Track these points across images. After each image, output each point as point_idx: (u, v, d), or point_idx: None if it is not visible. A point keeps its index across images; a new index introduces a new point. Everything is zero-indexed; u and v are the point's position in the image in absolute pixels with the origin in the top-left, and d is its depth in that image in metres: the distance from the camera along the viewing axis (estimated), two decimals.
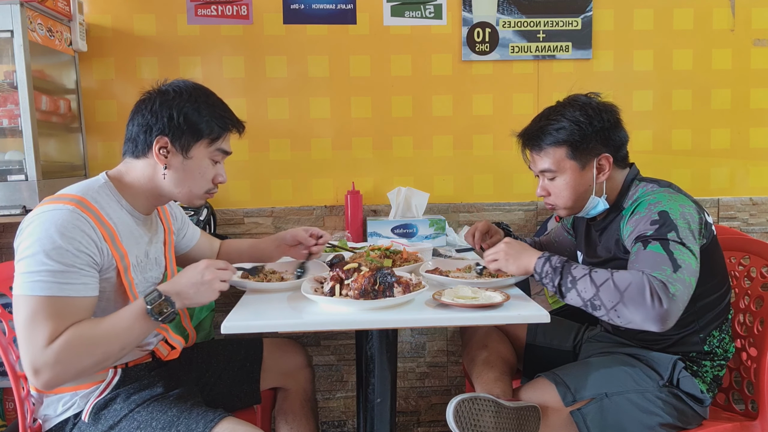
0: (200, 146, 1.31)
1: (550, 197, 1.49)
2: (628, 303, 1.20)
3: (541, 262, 1.35)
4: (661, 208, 1.32)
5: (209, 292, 1.23)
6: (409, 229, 2.14)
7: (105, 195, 1.29)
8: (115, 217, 1.28)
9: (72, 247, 1.15)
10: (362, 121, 2.35)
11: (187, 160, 1.31)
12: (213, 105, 1.33)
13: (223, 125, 1.34)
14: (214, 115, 1.32)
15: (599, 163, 1.44)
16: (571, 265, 1.31)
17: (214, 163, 1.35)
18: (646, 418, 1.37)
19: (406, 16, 2.31)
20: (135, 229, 1.34)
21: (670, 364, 1.41)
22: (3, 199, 1.83)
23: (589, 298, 1.25)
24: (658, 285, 1.19)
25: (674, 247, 1.25)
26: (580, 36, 2.34)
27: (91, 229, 1.20)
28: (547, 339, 1.68)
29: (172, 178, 1.31)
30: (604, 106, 1.46)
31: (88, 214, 1.21)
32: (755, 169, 2.44)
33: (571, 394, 1.37)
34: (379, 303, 1.27)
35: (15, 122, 1.85)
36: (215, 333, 2.09)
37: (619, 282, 1.22)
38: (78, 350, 1.13)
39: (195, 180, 1.33)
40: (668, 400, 1.39)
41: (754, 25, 2.38)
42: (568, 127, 1.41)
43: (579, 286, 1.27)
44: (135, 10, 2.24)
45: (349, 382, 2.42)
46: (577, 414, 1.36)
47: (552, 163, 1.44)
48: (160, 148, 1.29)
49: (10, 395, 2.08)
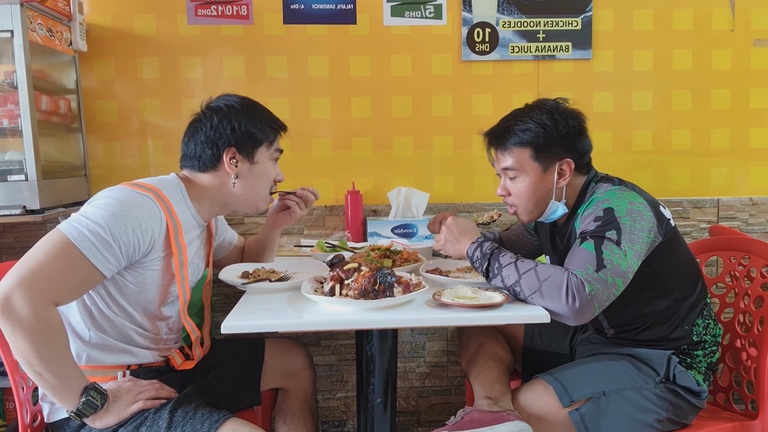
0: (262, 150, 1.45)
1: (510, 197, 1.52)
2: (545, 294, 1.27)
3: (473, 247, 1.41)
4: (608, 205, 1.35)
5: (117, 410, 1.24)
6: (409, 229, 2.14)
7: (176, 193, 1.38)
8: (181, 214, 1.36)
9: (128, 224, 1.21)
10: (362, 121, 2.35)
11: (255, 165, 1.44)
12: (263, 112, 1.49)
13: (275, 127, 1.49)
14: (266, 121, 1.47)
15: (560, 168, 1.46)
16: (501, 253, 1.37)
17: (274, 163, 1.50)
18: (643, 415, 1.37)
19: (406, 16, 2.31)
20: (193, 232, 1.42)
21: (664, 359, 1.42)
22: (3, 199, 1.83)
23: (511, 284, 1.32)
24: (575, 283, 1.24)
25: (606, 247, 1.28)
26: (580, 36, 2.34)
27: (158, 221, 1.27)
28: (544, 342, 1.68)
29: (242, 184, 1.44)
30: (570, 113, 1.49)
31: (161, 204, 1.29)
32: (755, 169, 2.44)
33: (568, 394, 1.37)
34: (379, 303, 1.28)
35: (15, 122, 1.85)
36: (215, 333, 2.09)
37: (541, 273, 1.28)
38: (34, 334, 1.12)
39: (262, 181, 1.47)
40: (665, 396, 1.39)
41: (753, 26, 2.38)
42: (534, 129, 1.44)
43: (504, 273, 1.34)
44: (135, 10, 2.24)
45: (349, 382, 2.42)
46: (575, 414, 1.36)
47: (515, 162, 1.47)
48: (230, 159, 1.41)
49: (10, 395, 2.08)
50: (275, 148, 1.49)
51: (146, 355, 1.38)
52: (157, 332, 1.40)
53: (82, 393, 1.19)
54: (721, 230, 2.11)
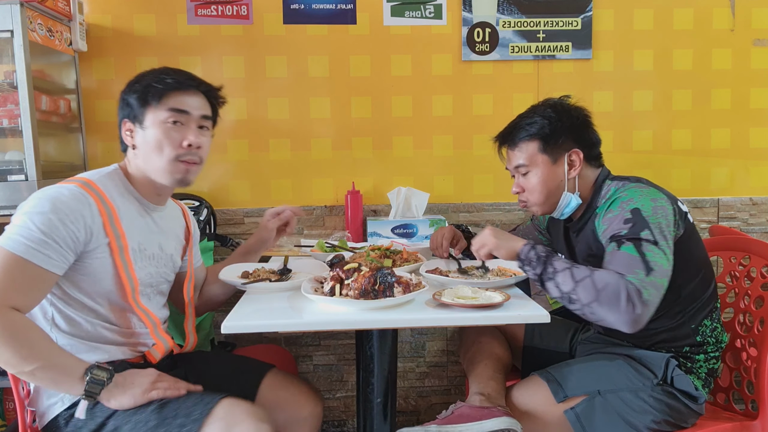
0: (151, 113, 1.34)
1: (524, 193, 1.55)
2: (603, 303, 1.23)
3: (527, 248, 1.39)
4: (634, 206, 1.35)
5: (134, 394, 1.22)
6: (409, 229, 2.14)
7: (113, 180, 1.36)
8: (120, 201, 1.33)
9: (57, 219, 1.19)
10: (362, 121, 2.35)
11: (146, 131, 1.34)
12: (154, 72, 1.37)
13: (163, 84, 1.35)
14: (153, 79, 1.35)
15: (570, 159, 1.49)
16: (554, 257, 1.35)
17: (175, 124, 1.35)
18: (639, 417, 1.37)
19: (406, 16, 2.31)
20: (141, 217, 1.39)
21: (663, 362, 1.42)
22: (3, 199, 1.83)
23: (567, 291, 1.29)
24: (633, 290, 1.22)
25: (647, 248, 1.28)
26: (580, 36, 2.33)
27: (88, 207, 1.24)
28: (544, 341, 1.68)
29: (142, 155, 1.36)
30: (574, 107, 1.54)
31: (90, 193, 1.26)
32: (755, 169, 2.44)
33: (563, 390, 1.38)
34: (379, 303, 1.27)
35: (15, 122, 1.85)
36: (215, 333, 2.08)
37: (598, 281, 1.25)
38: (8, 339, 1.13)
39: (160, 147, 1.34)
40: (662, 399, 1.39)
41: (754, 25, 2.38)
42: (540, 121, 1.49)
43: (558, 279, 1.31)
44: (135, 10, 2.24)
45: (349, 382, 2.42)
46: (570, 412, 1.36)
47: (525, 158, 1.51)
48: (126, 131, 1.37)
49: (10, 395, 2.08)
50: (168, 107, 1.34)
51: (116, 352, 1.32)
52: (128, 326, 1.35)
53: (84, 374, 1.18)
54: (721, 230, 2.10)
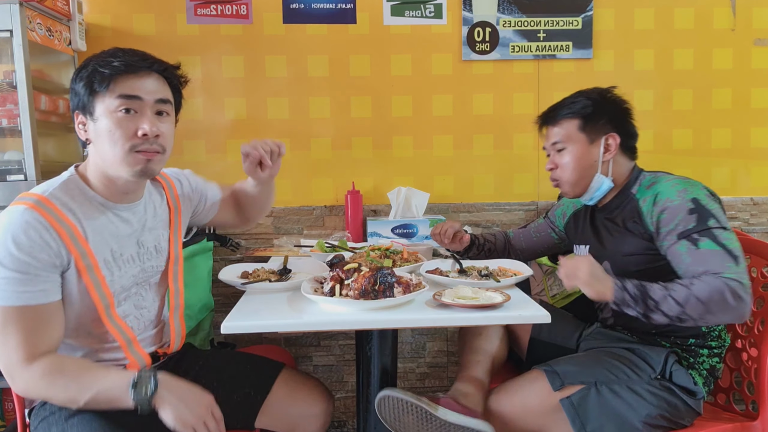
0: (99, 101, 1.20)
1: (557, 170, 1.58)
2: (715, 311, 1.28)
3: (618, 291, 1.34)
4: (692, 195, 1.39)
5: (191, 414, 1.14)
6: (409, 229, 2.14)
7: (69, 189, 1.22)
8: (80, 211, 1.21)
9: (25, 254, 1.11)
10: (362, 121, 2.34)
11: (97, 122, 1.20)
12: (102, 55, 1.23)
13: (110, 68, 1.19)
14: (99, 63, 1.20)
15: (607, 142, 1.53)
16: (648, 290, 1.33)
17: (128, 113, 1.19)
18: (634, 410, 1.37)
19: (406, 15, 2.30)
20: (110, 222, 1.26)
21: (662, 357, 1.42)
22: (2, 199, 1.82)
23: (676, 315, 1.31)
24: (736, 285, 1.27)
25: (722, 237, 1.33)
26: (580, 35, 2.33)
27: (45, 230, 1.14)
28: (551, 335, 1.68)
29: (97, 149, 1.22)
30: (619, 96, 1.59)
31: (43, 213, 1.14)
32: (756, 169, 2.44)
33: (560, 379, 1.39)
34: (379, 303, 1.27)
35: (14, 122, 1.85)
36: (215, 333, 2.08)
37: (702, 295, 1.28)
38: (52, 386, 1.13)
39: (112, 139, 1.18)
40: (659, 394, 1.39)
41: (754, 25, 2.37)
42: (583, 101, 1.54)
43: (663, 308, 1.31)
44: (134, 9, 2.24)
45: (349, 382, 2.41)
46: (565, 401, 1.37)
47: (563, 134, 1.55)
48: (79, 124, 1.24)
49: (10, 396, 2.08)
50: (117, 94, 1.18)
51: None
52: (98, 343, 1.26)
53: (132, 385, 1.13)
54: None
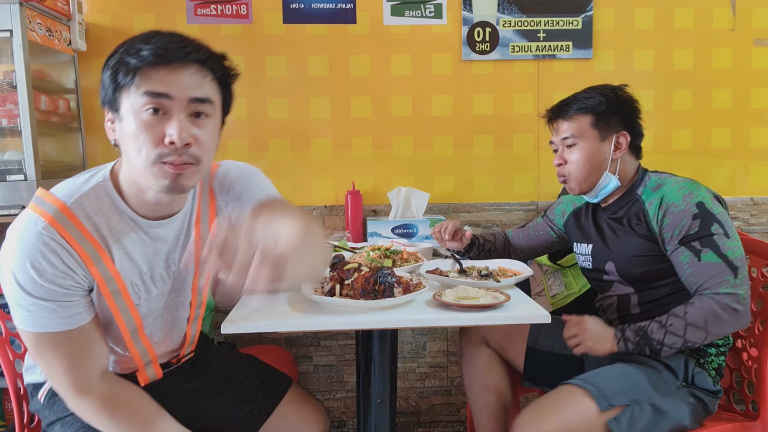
0: (125, 97, 0.99)
1: (565, 166, 1.56)
2: (715, 330, 1.33)
3: (620, 342, 1.41)
4: (697, 200, 1.39)
5: None
6: (409, 229, 2.14)
7: (99, 197, 1.07)
8: (107, 228, 1.07)
9: (48, 283, 1.01)
10: (362, 121, 2.34)
11: (123, 122, 1.00)
12: (134, 40, 1.00)
13: (137, 58, 0.96)
14: (127, 50, 0.99)
15: (617, 140, 1.52)
16: (648, 332, 1.37)
17: (156, 113, 0.98)
18: (670, 421, 1.38)
19: (406, 15, 2.30)
20: (140, 240, 1.12)
21: (681, 362, 1.43)
22: (2, 200, 1.82)
23: (681, 345, 1.36)
24: (729, 301, 1.31)
25: (724, 246, 1.34)
26: (580, 35, 2.33)
27: (67, 253, 1.02)
28: (548, 343, 1.67)
29: (125, 154, 1.03)
30: (630, 95, 1.59)
31: (62, 232, 1.01)
32: (756, 169, 2.44)
33: (606, 398, 1.35)
34: (379, 303, 1.27)
35: (14, 122, 1.84)
36: (215, 333, 2.08)
37: (697, 321, 1.33)
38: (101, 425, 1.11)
39: (136, 144, 0.98)
40: (687, 400, 1.40)
41: (754, 25, 2.37)
42: (598, 97, 1.53)
43: (667, 343, 1.36)
44: (134, 9, 2.24)
45: (349, 382, 2.41)
46: (613, 422, 1.34)
47: (575, 129, 1.53)
48: (108, 122, 1.05)
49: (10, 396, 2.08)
50: (145, 90, 0.97)
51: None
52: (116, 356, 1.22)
53: None
54: None
